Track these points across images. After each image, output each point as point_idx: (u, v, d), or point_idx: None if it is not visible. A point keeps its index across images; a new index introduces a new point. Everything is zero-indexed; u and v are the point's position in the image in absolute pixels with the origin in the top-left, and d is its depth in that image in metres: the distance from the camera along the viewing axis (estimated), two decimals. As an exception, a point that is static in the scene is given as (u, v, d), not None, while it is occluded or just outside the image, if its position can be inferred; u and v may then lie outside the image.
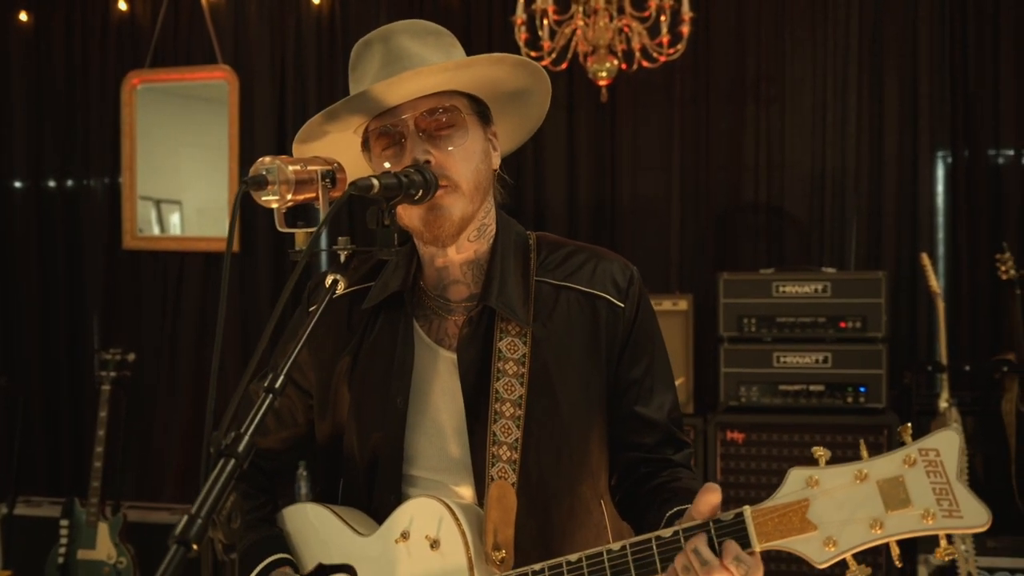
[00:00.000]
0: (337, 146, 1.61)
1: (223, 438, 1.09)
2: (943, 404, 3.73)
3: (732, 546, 1.21)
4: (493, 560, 1.45)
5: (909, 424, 1.15)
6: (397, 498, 1.56)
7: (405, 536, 1.50)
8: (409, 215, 1.54)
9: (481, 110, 1.59)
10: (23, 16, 5.02)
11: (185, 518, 1.02)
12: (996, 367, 3.89)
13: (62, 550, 4.13)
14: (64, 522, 4.16)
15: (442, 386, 1.60)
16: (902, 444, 1.15)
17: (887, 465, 1.13)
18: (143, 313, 5.00)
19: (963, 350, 4.14)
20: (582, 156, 4.63)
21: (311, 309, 1.35)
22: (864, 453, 1.16)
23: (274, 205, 1.29)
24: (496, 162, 1.63)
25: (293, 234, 1.39)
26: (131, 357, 4.32)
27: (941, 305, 3.83)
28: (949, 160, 4.33)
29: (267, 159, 1.27)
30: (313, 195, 1.30)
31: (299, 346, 1.23)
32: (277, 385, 1.17)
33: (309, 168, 1.30)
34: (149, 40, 4.88)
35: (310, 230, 1.29)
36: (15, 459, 4.47)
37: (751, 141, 4.51)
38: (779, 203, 4.49)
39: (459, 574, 1.44)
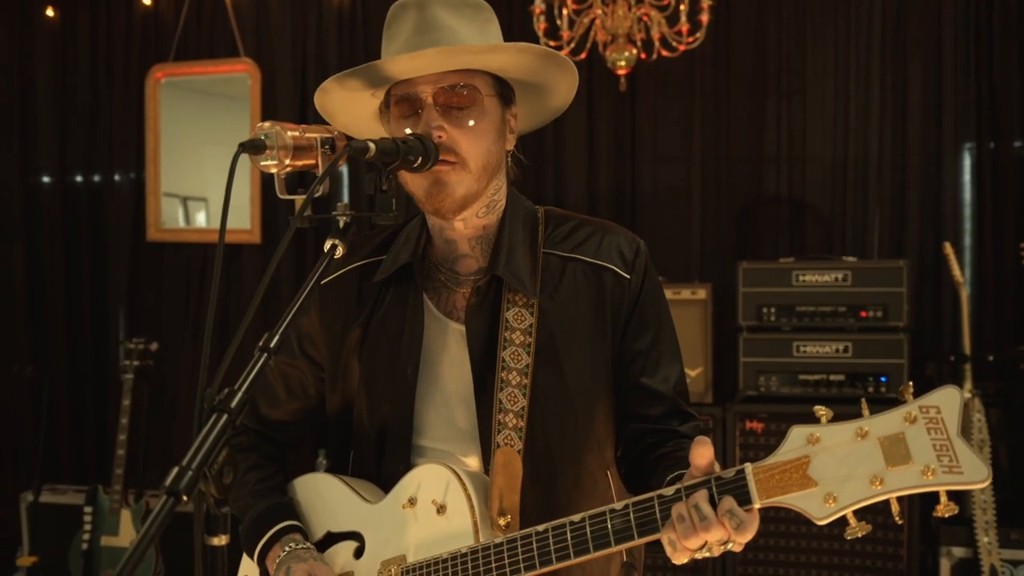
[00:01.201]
0: (354, 106, 1.63)
1: (216, 394, 1.10)
2: (966, 395, 3.68)
3: (727, 501, 1.21)
4: (498, 525, 1.46)
5: (911, 383, 1.14)
6: (406, 468, 1.58)
7: (412, 502, 1.51)
8: (414, 183, 1.55)
9: (503, 91, 1.60)
10: (49, 11, 5.10)
11: (175, 469, 1.03)
12: (1020, 358, 3.83)
13: (86, 537, 4.19)
14: (88, 509, 4.21)
15: (451, 358, 1.61)
16: (903, 403, 1.14)
17: (888, 422, 1.12)
18: (166, 304, 5.05)
19: (987, 340, 4.09)
20: (602, 147, 4.62)
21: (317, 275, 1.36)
22: (865, 411, 1.15)
23: (273, 170, 1.30)
24: (511, 144, 1.64)
25: (302, 213, 1.40)
26: (154, 347, 4.38)
27: (965, 295, 3.78)
28: (974, 151, 4.28)
29: (266, 124, 1.28)
30: (313, 162, 1.31)
31: (295, 308, 1.25)
32: (272, 344, 1.18)
33: (308, 135, 1.31)
34: (173, 34, 4.93)
35: (305, 198, 1.29)
36: (40, 447, 4.54)
37: (772, 132, 4.47)
38: (801, 195, 4.45)
39: (464, 538, 1.45)
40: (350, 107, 1.64)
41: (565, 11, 3.92)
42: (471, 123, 1.53)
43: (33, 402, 4.99)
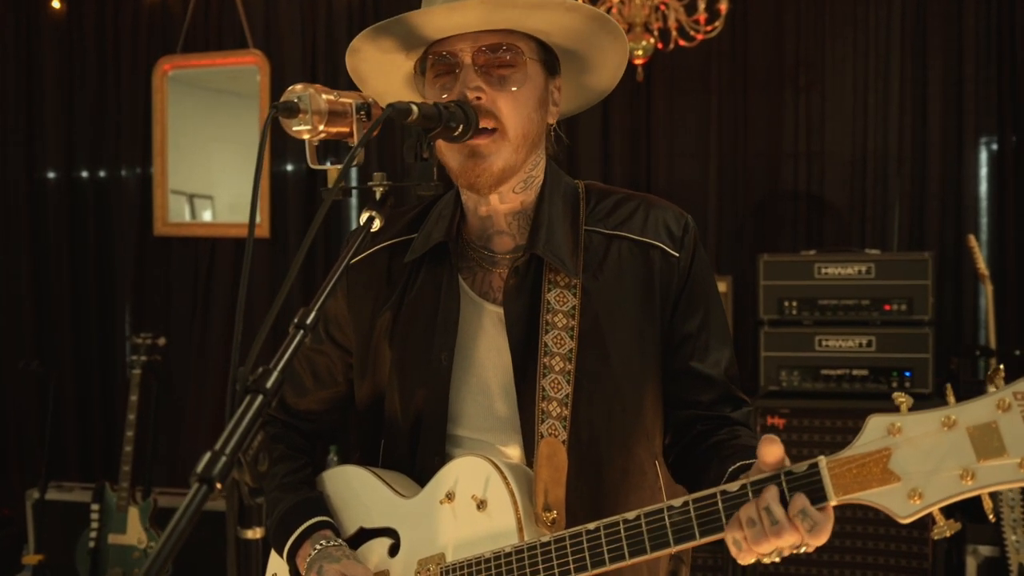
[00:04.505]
0: (388, 69, 1.54)
1: (249, 374, 1.01)
2: (991, 389, 3.60)
3: (799, 499, 1.13)
4: (544, 521, 1.37)
5: (1002, 366, 1.07)
6: (441, 459, 1.49)
7: (450, 497, 1.43)
8: (450, 155, 1.46)
9: (548, 58, 1.51)
10: (55, 3, 5.01)
11: (208, 455, 0.92)
12: (1047, 352, 3.76)
13: (93, 534, 4.11)
14: (95, 507, 4.14)
15: (488, 342, 1.53)
16: (991, 389, 1.06)
17: (978, 410, 1.05)
18: (174, 299, 4.98)
19: (1011, 334, 4.02)
20: (617, 139, 4.55)
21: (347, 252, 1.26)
22: (951, 399, 1.08)
23: (305, 136, 1.22)
24: (553, 117, 1.55)
25: (340, 183, 1.32)
26: (161, 342, 4.30)
27: (989, 288, 3.71)
28: (994, 146, 4.21)
29: (299, 86, 1.20)
30: (347, 129, 1.23)
31: (332, 283, 1.15)
32: (308, 321, 1.09)
33: (343, 100, 1.23)
34: (180, 26, 4.85)
35: (342, 166, 1.21)
36: (46, 443, 4.46)
37: (790, 126, 4.40)
38: (819, 189, 4.38)
39: (508, 536, 1.37)
40: (384, 70, 1.55)
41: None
42: (513, 87, 1.44)
43: (39, 398, 4.92)
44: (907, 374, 3.69)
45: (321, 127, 1.20)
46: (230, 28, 4.85)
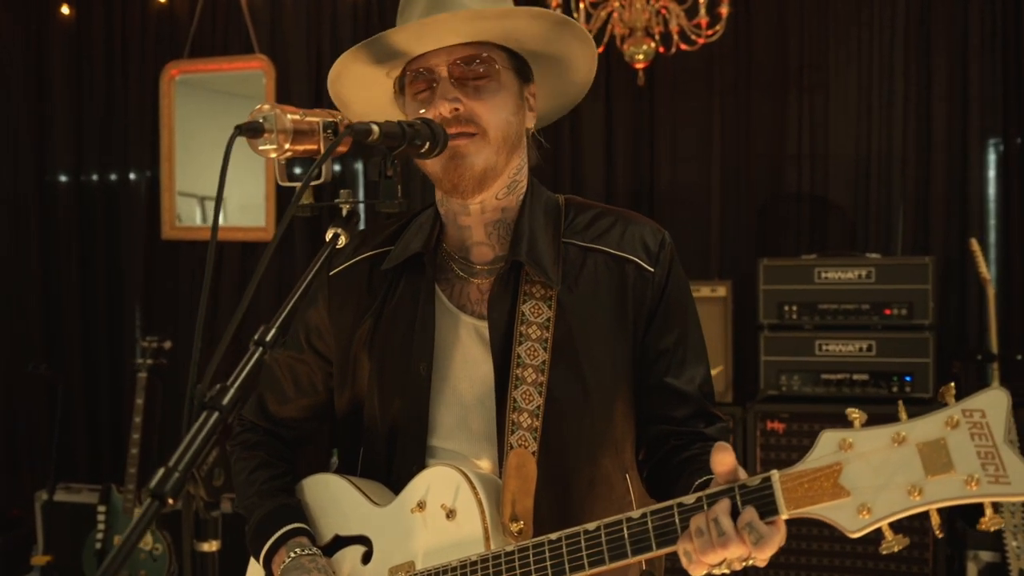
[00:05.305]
0: (369, 90, 1.57)
1: (207, 390, 1.03)
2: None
3: (748, 513, 1.14)
4: (510, 531, 1.39)
5: (952, 384, 1.07)
6: (419, 469, 1.50)
7: (421, 506, 1.45)
8: (431, 161, 1.48)
9: (520, 67, 1.54)
10: (64, 9, 5.07)
11: (161, 471, 0.96)
12: (1050, 357, 3.74)
13: (99, 536, 4.16)
14: (101, 508, 4.19)
15: (464, 353, 1.54)
16: (944, 405, 1.06)
17: (928, 427, 1.05)
18: (181, 303, 5.02)
19: (1014, 339, 3.99)
20: (620, 142, 4.55)
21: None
22: (902, 415, 1.08)
23: (272, 155, 1.24)
24: (530, 122, 1.57)
25: (298, 201, 1.34)
26: (167, 345, 4.34)
27: (992, 292, 3.69)
28: (1000, 146, 4.18)
29: (265, 106, 1.22)
30: (314, 147, 1.25)
31: (292, 300, 1.18)
32: (268, 338, 1.11)
33: (309, 118, 1.25)
34: (187, 32, 4.90)
35: (313, 182, 1.23)
36: (55, 446, 4.52)
37: (793, 128, 4.39)
38: (823, 191, 4.36)
39: (475, 545, 1.38)
40: (364, 91, 1.58)
41: (582, 4, 3.85)
42: (488, 94, 1.47)
43: (48, 401, 4.97)
44: (907, 379, 3.67)
45: (287, 145, 1.23)
46: (236, 33, 4.89)
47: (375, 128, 1.26)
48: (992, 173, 4.19)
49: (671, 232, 1.61)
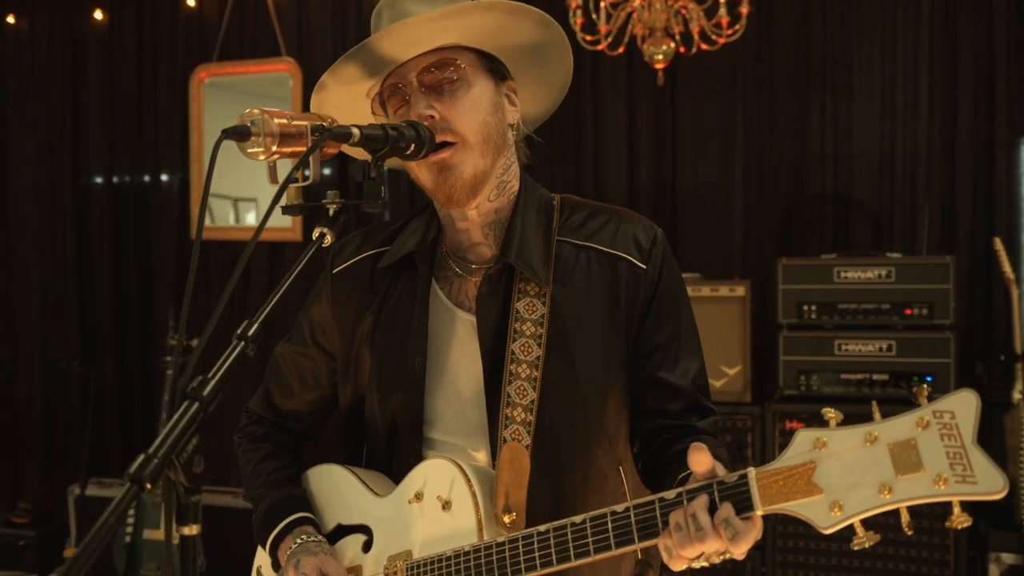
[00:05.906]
0: (354, 115, 1.61)
1: (189, 382, 1.09)
2: (1016, 396, 3.56)
3: (725, 508, 1.17)
4: (503, 523, 1.43)
5: (925, 385, 1.08)
6: (416, 461, 1.55)
7: (419, 497, 1.50)
8: (422, 175, 1.53)
9: (492, 65, 1.56)
10: (98, 14, 5.19)
11: (141, 457, 1.01)
12: (1075, 358, 3.68)
13: (129, 530, 4.25)
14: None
15: (461, 348, 1.58)
16: (917, 406, 1.08)
17: (899, 427, 1.07)
18: (211, 302, 5.11)
19: (1042, 339, 3.95)
20: (642, 142, 4.56)
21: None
22: (876, 415, 1.10)
23: (260, 158, 1.28)
24: (512, 117, 1.59)
25: (278, 201, 1.38)
26: (195, 343, 4.42)
27: (1016, 292, 3.65)
28: (1028, 144, 4.13)
29: (254, 111, 1.26)
30: (303, 149, 1.29)
31: (277, 295, 1.23)
32: (250, 333, 1.17)
33: (296, 122, 1.28)
34: (216, 35, 4.99)
35: (301, 184, 1.28)
36: (87, 441, 4.62)
37: (817, 128, 4.37)
38: (847, 191, 4.34)
39: (468, 535, 1.43)
40: (350, 115, 1.62)
41: (602, 4, 3.87)
42: (461, 99, 1.49)
43: (81, 397, 5.09)
44: (928, 379, 3.65)
45: (275, 148, 1.27)
46: (264, 36, 4.97)
47: (355, 131, 1.31)
48: (1020, 172, 4.14)
49: (694, 231, 1.63)
